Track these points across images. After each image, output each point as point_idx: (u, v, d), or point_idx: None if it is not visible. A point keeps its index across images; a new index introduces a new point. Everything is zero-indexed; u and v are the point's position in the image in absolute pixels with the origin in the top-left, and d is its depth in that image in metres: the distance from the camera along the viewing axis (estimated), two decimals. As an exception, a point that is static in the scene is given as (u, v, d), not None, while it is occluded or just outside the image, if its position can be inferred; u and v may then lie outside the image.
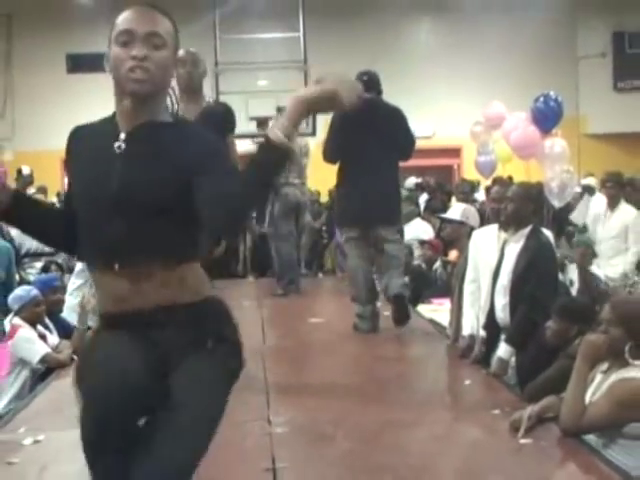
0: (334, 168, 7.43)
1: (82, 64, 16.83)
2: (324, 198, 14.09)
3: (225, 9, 14.06)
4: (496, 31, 16.07)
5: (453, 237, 6.81)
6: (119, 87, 2.50)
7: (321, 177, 11.09)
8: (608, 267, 8.28)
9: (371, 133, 7.09)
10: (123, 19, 2.54)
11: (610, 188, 9.13)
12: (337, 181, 7.54)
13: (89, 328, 6.38)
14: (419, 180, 14.07)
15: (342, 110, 2.48)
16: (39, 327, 6.51)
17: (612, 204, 9.02)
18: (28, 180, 11.82)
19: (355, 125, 6.87)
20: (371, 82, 7.27)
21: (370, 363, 6.30)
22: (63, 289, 7.37)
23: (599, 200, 9.62)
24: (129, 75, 2.43)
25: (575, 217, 10.38)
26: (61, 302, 7.12)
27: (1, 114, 15.86)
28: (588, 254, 7.92)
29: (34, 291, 6.73)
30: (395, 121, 7.41)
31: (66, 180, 2.83)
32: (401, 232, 7.88)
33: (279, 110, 10.62)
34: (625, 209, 8.92)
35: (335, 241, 11.87)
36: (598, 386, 4.30)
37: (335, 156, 7.37)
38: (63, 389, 5.69)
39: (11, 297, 6.73)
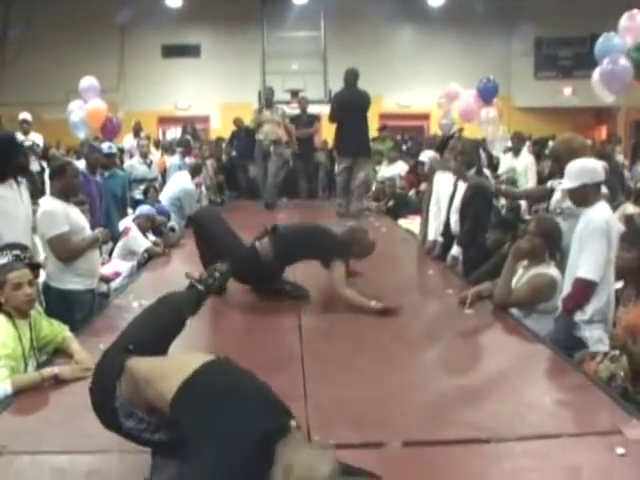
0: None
1: (171, 52, 16.57)
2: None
3: (270, 16, 13.94)
4: (455, 36, 15.92)
5: (426, 173, 6.74)
6: None
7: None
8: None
9: (353, 106, 8.43)
10: None
11: (515, 143, 9.52)
12: (336, 132, 8.73)
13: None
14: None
15: None
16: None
17: (516, 152, 9.28)
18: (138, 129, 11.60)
19: (344, 102, 8.49)
20: (352, 78, 8.62)
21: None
22: (168, 216, 7.22)
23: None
24: None
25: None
26: (163, 223, 6.97)
27: (117, 87, 15.72)
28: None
29: (153, 211, 6.70)
30: (365, 99, 8.59)
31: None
32: (371, 166, 9.43)
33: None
34: (525, 156, 9.15)
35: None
36: (520, 277, 4.31)
37: (335, 119, 8.65)
38: (157, 272, 5.73)
39: (140, 209, 6.75)
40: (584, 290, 3.79)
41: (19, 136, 8.19)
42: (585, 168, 4.05)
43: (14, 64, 15.92)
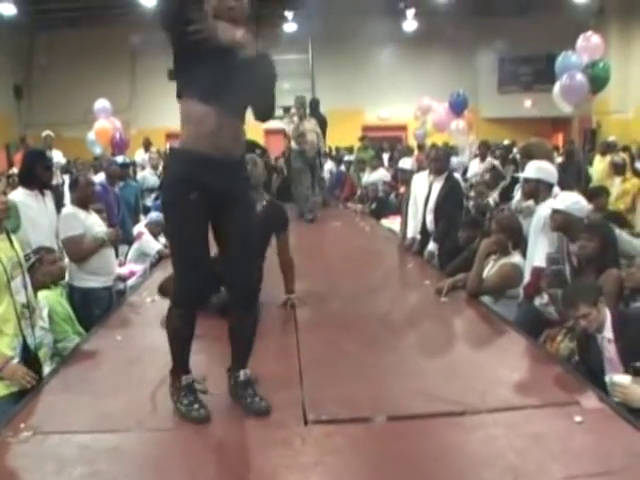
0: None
1: (177, 76, 16.70)
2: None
3: (264, 41, 13.95)
4: (428, 56, 16.08)
5: (405, 178, 6.74)
6: None
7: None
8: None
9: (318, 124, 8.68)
10: None
11: (480, 150, 9.64)
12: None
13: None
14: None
15: None
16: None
17: (482, 159, 9.29)
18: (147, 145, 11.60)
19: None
20: (314, 104, 9.48)
21: (351, 254, 6.23)
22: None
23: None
24: None
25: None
26: None
27: (129, 106, 15.74)
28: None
29: (162, 217, 6.63)
30: (323, 121, 9.22)
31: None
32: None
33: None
34: (489, 161, 9.11)
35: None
36: (490, 268, 4.32)
37: None
38: (168, 271, 5.62)
39: (150, 215, 6.67)
40: (540, 277, 3.82)
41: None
42: (544, 168, 4.19)
43: (39, 89, 16.02)
